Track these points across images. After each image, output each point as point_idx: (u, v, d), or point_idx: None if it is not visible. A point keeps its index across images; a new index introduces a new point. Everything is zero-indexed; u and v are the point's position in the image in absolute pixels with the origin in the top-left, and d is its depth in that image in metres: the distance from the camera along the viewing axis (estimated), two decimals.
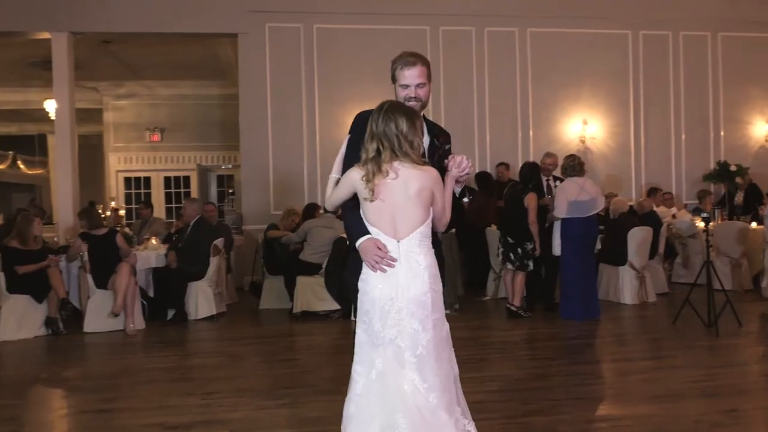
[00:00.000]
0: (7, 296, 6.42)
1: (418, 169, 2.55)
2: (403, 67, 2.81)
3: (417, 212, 2.57)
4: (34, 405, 4.37)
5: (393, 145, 2.53)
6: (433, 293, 2.59)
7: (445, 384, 2.57)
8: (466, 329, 6.41)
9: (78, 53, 10.42)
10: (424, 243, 2.60)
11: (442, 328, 2.63)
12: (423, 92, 2.81)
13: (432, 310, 2.58)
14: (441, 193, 2.62)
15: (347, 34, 9.52)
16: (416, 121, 2.59)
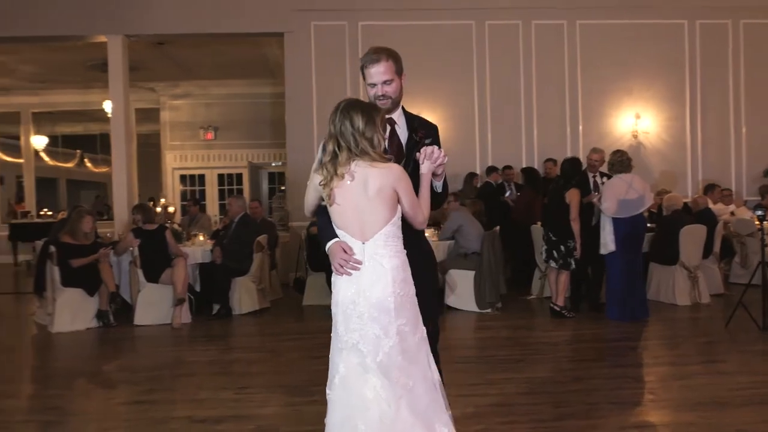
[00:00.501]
0: (62, 289, 6.69)
1: (377, 168, 2.46)
2: (368, 65, 2.73)
3: (380, 212, 2.48)
4: (78, 395, 4.54)
5: (350, 144, 2.45)
6: (397, 297, 2.47)
7: (417, 392, 2.47)
8: (506, 329, 6.32)
9: (134, 55, 10.79)
10: (391, 244, 2.50)
11: (413, 334, 2.50)
12: (391, 89, 2.73)
13: (396, 315, 2.46)
14: (407, 189, 2.51)
15: (392, 30, 9.48)
16: (375, 116, 2.50)
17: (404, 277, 2.51)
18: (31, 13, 9.10)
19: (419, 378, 2.50)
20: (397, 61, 2.76)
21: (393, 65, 2.73)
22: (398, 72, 2.76)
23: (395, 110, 2.82)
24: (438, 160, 2.60)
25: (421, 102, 9.53)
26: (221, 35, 9.85)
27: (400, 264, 2.51)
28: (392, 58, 2.74)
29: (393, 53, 2.77)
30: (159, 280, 6.88)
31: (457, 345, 5.84)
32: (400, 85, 2.78)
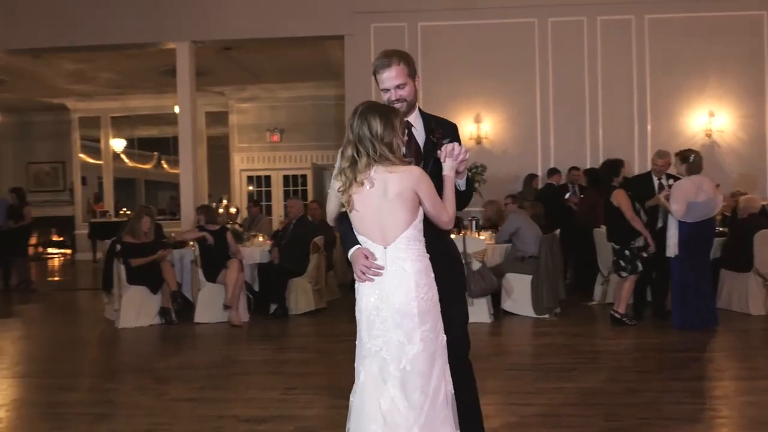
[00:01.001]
0: (127, 287, 6.98)
1: (396, 172, 2.43)
2: (379, 70, 2.70)
3: (400, 216, 2.44)
4: (133, 390, 4.70)
5: (368, 150, 2.42)
6: (421, 302, 2.42)
7: (433, 402, 2.41)
8: (562, 335, 6.13)
9: (202, 61, 11.14)
10: (413, 247, 2.46)
11: (435, 340, 2.45)
12: (405, 92, 2.68)
13: (420, 321, 2.41)
14: (428, 191, 2.46)
15: (452, 30, 9.41)
16: (394, 119, 2.46)
17: (427, 282, 2.47)
18: (105, 23, 9.54)
19: (435, 387, 2.44)
20: (410, 63, 2.72)
21: (405, 68, 2.69)
22: (411, 75, 2.71)
23: (411, 113, 2.76)
24: (459, 157, 2.56)
25: (480, 102, 9.42)
26: (284, 39, 10.02)
27: (423, 268, 2.47)
28: (404, 62, 2.69)
29: (405, 56, 2.73)
30: (217, 279, 7.07)
31: (510, 351, 5.71)
32: (414, 88, 2.73)
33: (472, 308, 6.70)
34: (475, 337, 5.95)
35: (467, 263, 6.74)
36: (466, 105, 9.40)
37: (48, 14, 9.56)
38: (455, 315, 2.68)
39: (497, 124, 9.45)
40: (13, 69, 12.12)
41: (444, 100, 9.33)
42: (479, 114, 9.42)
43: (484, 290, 6.75)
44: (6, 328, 7.48)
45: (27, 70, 12.29)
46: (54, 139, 16.37)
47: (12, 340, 6.77)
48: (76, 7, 9.54)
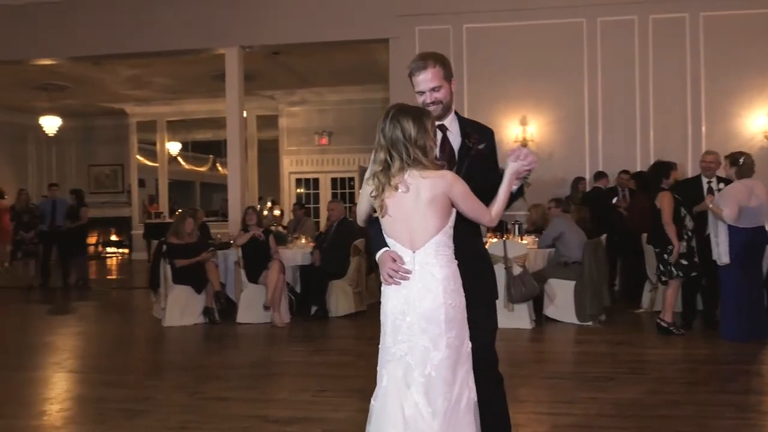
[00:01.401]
0: (173, 286, 7.18)
1: (430, 177, 2.39)
2: (415, 73, 2.67)
3: (431, 221, 2.41)
4: (170, 388, 4.82)
5: (401, 153, 2.39)
6: (448, 308, 2.39)
7: (455, 408, 2.37)
8: (605, 344, 5.96)
9: (252, 65, 11.37)
10: (442, 253, 2.43)
11: (460, 347, 2.42)
12: (441, 95, 2.65)
13: (447, 328, 2.38)
14: (462, 194, 2.41)
15: (497, 32, 9.29)
16: (426, 121, 2.43)
17: (455, 288, 2.44)
18: (158, 30, 9.85)
19: (458, 394, 2.40)
20: (446, 66, 2.69)
21: (441, 71, 2.65)
22: (447, 77, 2.68)
23: (447, 116, 2.72)
24: (532, 164, 2.52)
25: (527, 104, 9.27)
26: (330, 44, 10.11)
27: (451, 274, 2.44)
28: (440, 64, 2.65)
29: (440, 58, 2.68)
30: (258, 281, 7.18)
31: (549, 359, 5.59)
32: (449, 91, 2.69)
33: (512, 314, 6.65)
34: (515, 343, 5.94)
35: (508, 268, 6.66)
36: (511, 107, 9.27)
37: (106, 23, 9.93)
38: (483, 322, 2.62)
39: (543, 126, 9.28)
40: (75, 76, 12.66)
41: (489, 102, 9.25)
42: (525, 116, 9.27)
43: (524, 296, 6.63)
44: (61, 324, 7.81)
45: (88, 77, 12.80)
46: (114, 143, 16.99)
47: (65, 336, 7.05)
48: (132, 16, 9.87)
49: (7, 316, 8.72)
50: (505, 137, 9.22)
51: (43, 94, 13.71)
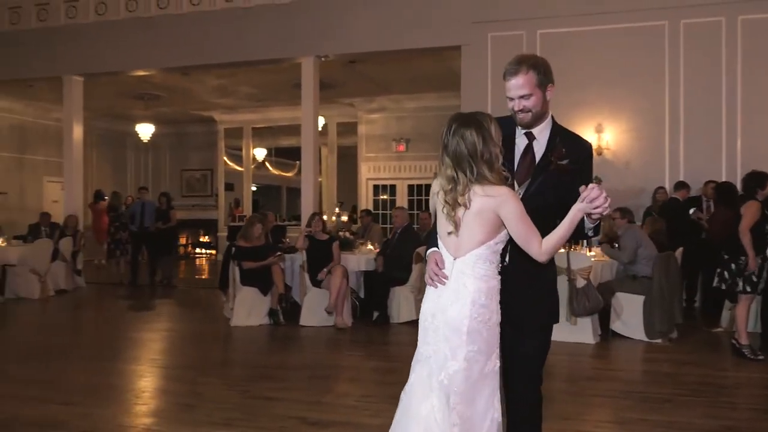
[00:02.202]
0: (240, 287, 7.45)
1: (486, 194, 2.32)
2: (507, 77, 2.52)
3: (475, 233, 2.36)
4: (223, 384, 5.01)
5: (466, 171, 2.33)
6: (472, 321, 2.35)
7: (474, 426, 2.34)
8: (669, 363, 5.65)
9: (331, 74, 11.65)
10: (481, 266, 2.38)
11: (483, 364, 2.37)
12: (530, 103, 2.50)
13: (468, 340, 2.35)
14: (513, 216, 2.31)
15: (573, 37, 9.05)
16: (490, 127, 2.35)
17: (486, 303, 2.38)
18: (240, 41, 10.29)
19: (480, 412, 2.37)
20: (540, 72, 2.50)
21: (534, 77, 2.49)
22: (540, 84, 2.50)
23: (538, 124, 2.56)
24: (599, 209, 2.24)
25: (603, 111, 8.97)
26: (404, 51, 10.19)
27: (486, 289, 2.39)
28: (534, 70, 2.49)
29: (536, 63, 2.52)
30: (322, 285, 7.33)
31: (604, 376, 5.36)
32: (542, 98, 2.52)
33: (575, 328, 6.45)
34: (573, 358, 5.76)
35: (571, 280, 6.46)
36: (586, 114, 8.98)
37: (193, 36, 10.48)
38: (528, 348, 2.56)
39: (620, 134, 8.93)
40: (167, 85, 13.42)
41: (563, 109, 8.93)
42: (601, 124, 8.96)
43: (588, 310, 6.41)
44: (139, 320, 8.28)
45: (179, 86, 13.53)
46: (204, 149, 17.85)
47: (141, 331, 7.47)
48: (216, 29, 10.37)
49: (94, 311, 9.37)
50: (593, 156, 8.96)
51: (140, 102, 14.63)
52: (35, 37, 11.30)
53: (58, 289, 10.17)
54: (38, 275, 9.66)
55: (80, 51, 11.11)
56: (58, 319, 8.51)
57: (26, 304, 9.27)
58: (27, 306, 9.13)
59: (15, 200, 14.70)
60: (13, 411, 4.25)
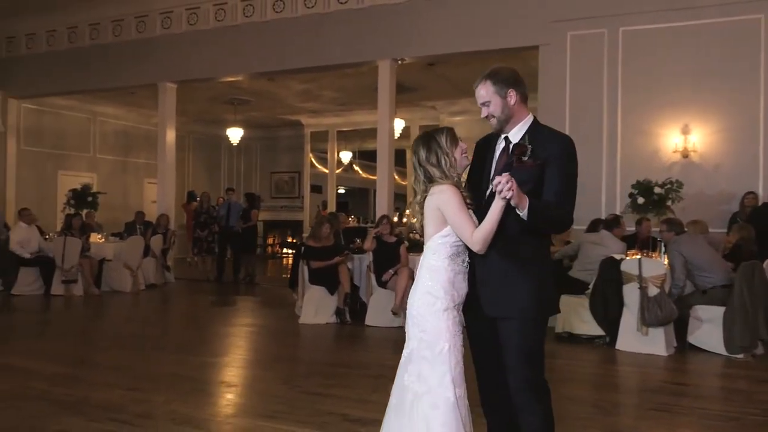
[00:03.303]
0: (309, 286, 7.64)
1: (432, 192, 2.67)
2: (474, 89, 2.81)
3: (428, 226, 2.70)
4: (275, 379, 5.14)
5: (419, 177, 2.74)
6: (420, 306, 2.66)
7: (427, 400, 2.60)
8: (745, 380, 5.28)
9: (410, 77, 11.74)
10: (430, 257, 2.68)
11: (432, 346, 2.62)
12: (491, 109, 2.74)
13: (412, 323, 2.70)
14: (451, 211, 2.59)
15: (658, 34, 8.61)
16: (437, 137, 2.71)
17: (431, 290, 2.65)
18: (321, 46, 10.53)
19: (434, 388, 2.61)
20: (498, 80, 2.74)
21: (491, 86, 2.74)
22: (499, 91, 2.73)
23: (512, 126, 2.75)
24: (502, 193, 2.42)
25: (689, 111, 8.47)
26: (480, 53, 10.07)
27: (434, 278, 2.65)
28: (491, 79, 2.75)
29: (494, 72, 2.77)
30: (387, 285, 7.38)
31: (668, 390, 5.04)
32: (501, 104, 2.73)
33: (646, 338, 6.16)
34: (640, 369, 5.52)
35: (642, 288, 6.16)
36: (672, 115, 8.52)
37: (275, 41, 10.85)
38: (507, 334, 2.65)
39: (709, 135, 8.40)
40: (255, 91, 13.96)
41: (647, 110, 8.61)
42: (687, 125, 8.46)
43: (660, 320, 6.09)
44: (217, 315, 8.66)
45: (266, 91, 14.05)
46: (292, 152, 18.41)
47: (215, 325, 7.81)
48: (297, 34, 10.68)
49: (176, 305, 9.90)
50: (663, 147, 8.54)
51: (231, 107, 15.31)
52: (134, 47, 12.09)
53: (148, 284, 10.83)
54: (130, 270, 10.32)
55: (173, 59, 11.78)
56: (143, 311, 9.05)
57: (119, 296, 9.93)
58: (119, 298, 9.78)
59: (119, 200, 15.75)
60: (84, 394, 4.57)
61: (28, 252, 9.69)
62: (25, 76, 13.30)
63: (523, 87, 2.76)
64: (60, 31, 12.94)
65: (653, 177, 7.91)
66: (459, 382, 2.63)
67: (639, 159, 8.62)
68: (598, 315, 6.51)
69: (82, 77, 12.69)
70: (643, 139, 8.67)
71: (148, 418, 4.03)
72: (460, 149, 2.76)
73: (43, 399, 4.45)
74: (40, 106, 14.32)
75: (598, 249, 6.76)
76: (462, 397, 2.65)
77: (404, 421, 2.65)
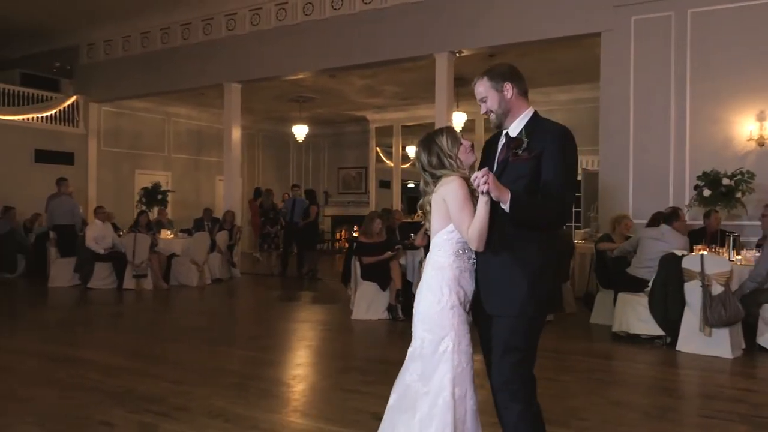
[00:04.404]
0: (361, 282, 7.65)
1: (439, 184, 2.63)
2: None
3: (435, 220, 2.65)
4: (314, 374, 5.20)
5: (428, 179, 2.72)
6: (426, 302, 2.61)
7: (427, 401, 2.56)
8: None
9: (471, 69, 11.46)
10: (435, 254, 2.64)
11: (436, 344, 2.56)
12: (489, 104, 2.70)
13: (417, 319, 2.66)
14: (453, 203, 2.53)
15: (730, 14, 8.07)
16: (437, 138, 2.69)
17: (434, 288, 2.60)
18: (377, 42, 10.53)
19: (435, 388, 2.56)
20: (493, 76, 2.70)
21: (487, 81, 2.70)
22: (495, 86, 2.68)
23: (511, 121, 2.69)
24: (479, 187, 2.37)
25: (766, 97, 7.89)
26: (540, 42, 9.76)
27: (438, 276, 2.60)
28: (487, 75, 2.71)
29: (490, 69, 2.73)
30: None
31: (727, 396, 4.71)
32: (498, 98, 2.68)
33: (710, 340, 5.83)
34: (699, 372, 5.25)
35: (705, 286, 5.81)
36: (746, 101, 7.98)
37: (334, 38, 10.94)
38: (497, 335, 2.58)
39: None
40: (319, 88, 14.14)
41: (718, 96, 8.10)
42: (763, 111, 7.89)
43: (724, 320, 5.72)
44: (274, 309, 8.84)
45: (329, 88, 14.20)
46: (358, 147, 18.53)
47: (270, 319, 7.96)
48: (355, 30, 10.71)
49: (237, 299, 10.16)
50: (736, 135, 8.02)
51: (296, 105, 15.57)
52: (201, 49, 12.50)
53: (214, 278, 11.18)
54: (196, 265, 10.69)
55: (237, 60, 12.08)
56: (202, 305, 9.31)
57: (185, 290, 10.30)
58: (184, 292, 10.14)
59: (192, 197, 16.37)
60: (129, 385, 4.76)
61: (102, 248, 10.20)
62: (104, 81, 14.03)
63: (520, 80, 2.71)
64: (134, 37, 13.55)
65: (725, 167, 7.45)
66: (460, 382, 2.56)
67: (710, 149, 8.12)
68: (658, 314, 6.18)
69: (154, 80, 13.25)
70: (715, 128, 8.16)
71: (185, 410, 4.14)
72: (464, 148, 2.71)
73: (94, 389, 4.66)
74: (118, 109, 15.06)
75: (658, 244, 6.42)
76: (464, 399, 2.57)
77: (404, 418, 2.61)
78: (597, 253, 7.37)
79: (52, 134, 13.86)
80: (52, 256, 10.69)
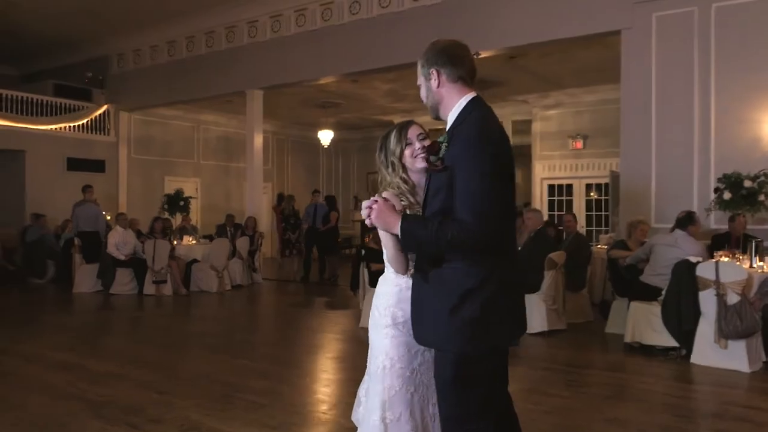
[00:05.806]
0: (369, 289, 7.51)
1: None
2: None
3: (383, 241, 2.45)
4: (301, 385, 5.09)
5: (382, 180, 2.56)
6: (373, 318, 2.49)
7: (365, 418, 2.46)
8: None
9: (492, 71, 11.33)
10: (391, 270, 2.47)
11: (374, 361, 2.45)
12: (421, 93, 2.44)
13: (371, 336, 2.53)
14: (376, 222, 2.31)
15: (757, 8, 7.66)
16: (385, 138, 2.51)
17: (379, 304, 2.49)
18: (396, 45, 10.38)
19: (371, 407, 2.43)
20: (424, 60, 2.33)
21: (419, 67, 2.36)
22: (424, 73, 2.33)
23: (446, 114, 2.33)
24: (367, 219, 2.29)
25: None
26: (560, 41, 9.47)
27: (382, 293, 2.49)
28: (421, 58, 2.36)
29: (425, 50, 2.37)
30: None
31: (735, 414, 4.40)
32: (426, 87, 2.35)
33: (725, 352, 5.51)
34: (710, 388, 4.96)
35: (720, 295, 5.49)
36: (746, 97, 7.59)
37: (353, 43, 10.87)
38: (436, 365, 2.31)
39: None
40: (343, 93, 14.09)
41: (745, 94, 7.70)
42: None
43: (740, 332, 5.40)
44: (286, 315, 8.78)
45: (354, 93, 14.14)
46: None
47: (277, 325, 7.91)
48: (373, 34, 10.62)
49: (252, 305, 10.15)
50: (765, 135, 7.60)
51: (322, 110, 15.57)
52: (224, 57, 12.60)
53: (235, 284, 11.22)
54: (216, 271, 10.74)
55: (258, 66, 12.13)
56: (215, 312, 9.23)
57: (204, 297, 10.35)
58: (203, 299, 10.18)
59: (221, 203, 16.52)
60: (114, 394, 4.74)
61: (123, 254, 10.35)
62: (134, 90, 14.30)
63: (451, 64, 2.25)
64: (160, 46, 13.77)
65: (752, 168, 7.06)
66: (391, 406, 2.38)
67: (736, 149, 7.72)
68: (672, 324, 5.87)
69: (181, 88, 13.42)
70: (741, 127, 7.75)
71: (158, 422, 4.09)
72: (410, 150, 2.41)
73: (79, 398, 4.66)
74: (148, 117, 15.32)
75: (672, 251, 6.11)
76: (397, 423, 2.37)
77: None
78: (609, 261, 7.08)
79: (83, 142, 14.19)
80: (77, 262, 10.91)
